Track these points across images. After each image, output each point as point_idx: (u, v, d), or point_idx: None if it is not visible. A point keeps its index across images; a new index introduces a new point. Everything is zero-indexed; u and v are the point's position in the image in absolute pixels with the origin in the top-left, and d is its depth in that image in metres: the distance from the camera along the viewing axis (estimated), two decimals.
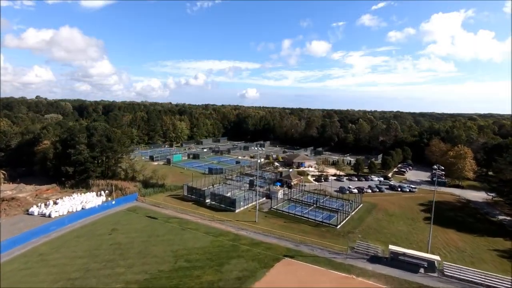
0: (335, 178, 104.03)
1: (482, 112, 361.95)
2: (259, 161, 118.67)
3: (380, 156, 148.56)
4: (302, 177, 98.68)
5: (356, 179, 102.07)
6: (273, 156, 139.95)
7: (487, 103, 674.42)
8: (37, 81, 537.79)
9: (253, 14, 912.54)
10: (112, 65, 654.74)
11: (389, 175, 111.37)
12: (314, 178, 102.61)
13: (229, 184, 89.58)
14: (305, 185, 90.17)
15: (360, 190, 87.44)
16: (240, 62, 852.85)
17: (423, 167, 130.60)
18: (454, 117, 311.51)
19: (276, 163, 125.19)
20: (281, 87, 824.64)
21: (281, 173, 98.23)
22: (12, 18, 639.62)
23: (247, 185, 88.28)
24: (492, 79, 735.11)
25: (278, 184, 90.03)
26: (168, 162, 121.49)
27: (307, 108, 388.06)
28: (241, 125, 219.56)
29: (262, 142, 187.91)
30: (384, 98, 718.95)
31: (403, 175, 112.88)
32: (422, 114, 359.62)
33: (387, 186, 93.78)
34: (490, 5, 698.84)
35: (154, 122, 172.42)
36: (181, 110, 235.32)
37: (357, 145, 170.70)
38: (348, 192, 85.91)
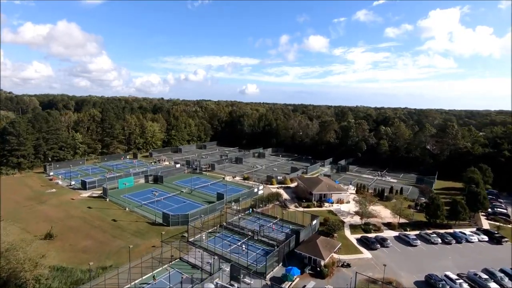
0: (395, 235, 55.91)
1: (483, 109, 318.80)
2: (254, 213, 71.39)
3: (435, 176, 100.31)
4: (339, 244, 49.11)
5: (440, 239, 53.52)
6: (278, 177, 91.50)
7: (489, 100, 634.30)
8: (37, 76, 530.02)
9: (252, 9, 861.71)
10: (111, 61, 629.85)
11: (484, 221, 63.39)
12: (359, 238, 53.88)
13: (189, 266, 41.35)
14: (348, 265, 42.48)
15: (474, 284, 39.39)
16: (240, 58, 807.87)
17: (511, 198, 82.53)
18: (474, 115, 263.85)
19: (285, 195, 76.78)
20: (282, 84, 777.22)
21: (297, 233, 49.44)
22: (13, 14, 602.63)
23: (227, 272, 40.25)
24: (493, 75, 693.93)
25: (295, 272, 40.67)
26: (105, 193, 72.99)
27: (310, 104, 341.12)
28: (235, 126, 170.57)
29: (261, 150, 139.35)
30: (385, 95, 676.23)
31: (509, 221, 64.13)
32: (439, 111, 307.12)
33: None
34: (485, 2, 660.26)
35: (112, 123, 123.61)
36: (156, 107, 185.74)
37: (393, 156, 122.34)
38: None
